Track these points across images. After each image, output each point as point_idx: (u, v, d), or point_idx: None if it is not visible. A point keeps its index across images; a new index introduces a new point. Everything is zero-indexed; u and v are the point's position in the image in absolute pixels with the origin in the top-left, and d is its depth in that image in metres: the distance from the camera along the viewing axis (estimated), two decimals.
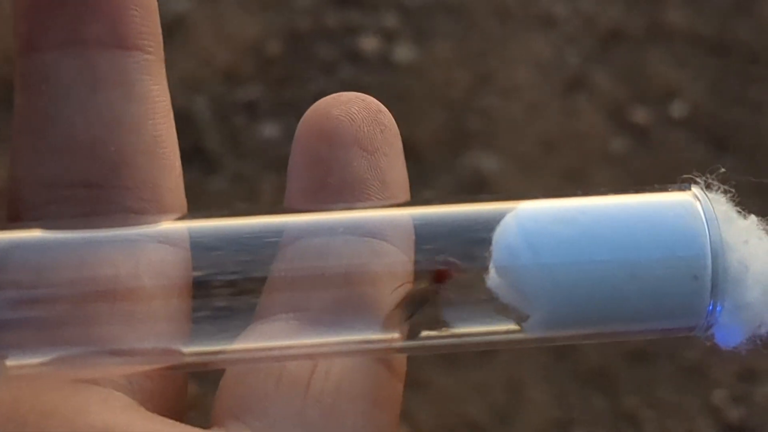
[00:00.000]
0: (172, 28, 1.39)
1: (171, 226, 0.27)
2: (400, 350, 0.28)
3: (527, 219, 0.27)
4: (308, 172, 0.28)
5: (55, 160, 0.28)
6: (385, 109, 0.29)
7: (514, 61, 1.39)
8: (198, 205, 0.30)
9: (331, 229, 0.27)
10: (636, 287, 0.27)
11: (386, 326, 0.27)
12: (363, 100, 0.29)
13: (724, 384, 1.15)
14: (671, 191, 0.28)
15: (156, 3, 0.29)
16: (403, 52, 1.39)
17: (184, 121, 1.31)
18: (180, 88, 1.33)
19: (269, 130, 1.30)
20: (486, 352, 1.15)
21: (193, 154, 1.23)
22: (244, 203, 1.19)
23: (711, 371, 1.16)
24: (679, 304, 0.27)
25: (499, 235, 0.27)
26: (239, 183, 1.23)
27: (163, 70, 0.29)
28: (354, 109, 0.29)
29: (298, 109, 1.28)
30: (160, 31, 0.29)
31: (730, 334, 0.28)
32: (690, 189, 0.28)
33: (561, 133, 1.33)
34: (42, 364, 0.26)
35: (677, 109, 1.36)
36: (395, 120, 0.29)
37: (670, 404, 1.15)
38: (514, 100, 1.36)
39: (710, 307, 0.27)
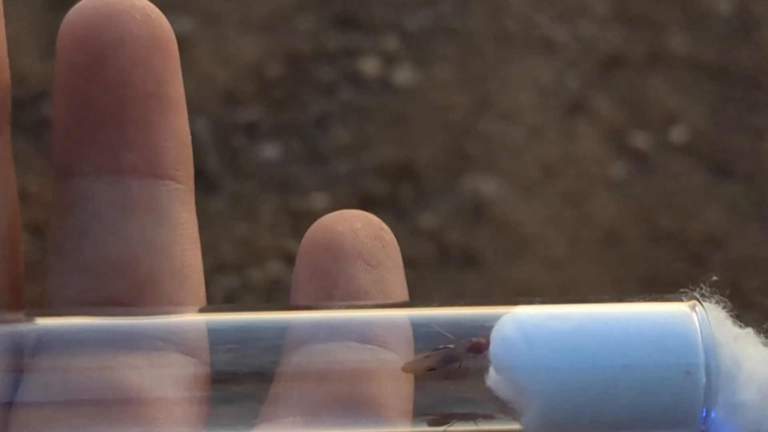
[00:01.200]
0: None
1: (191, 330, 0.29)
2: None
3: (526, 320, 0.28)
4: (313, 285, 0.30)
5: (84, 279, 0.29)
6: (386, 226, 0.31)
7: (514, 85, 1.40)
8: (199, 224, 0.30)
9: (333, 332, 0.28)
10: (631, 392, 0.27)
11: (405, 370, 0.28)
12: (366, 216, 0.30)
13: None
14: (669, 301, 0.29)
15: (189, 137, 0.30)
16: (404, 75, 1.39)
17: None
18: None
19: (269, 151, 1.30)
20: None
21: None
22: (244, 223, 1.19)
23: None
24: (674, 408, 0.28)
25: (498, 334, 0.28)
26: (239, 203, 1.23)
27: (193, 200, 0.30)
28: (358, 225, 0.30)
29: (298, 131, 1.29)
30: (191, 162, 0.30)
31: None
32: (685, 299, 0.29)
33: (561, 157, 1.33)
34: None
35: (677, 135, 1.36)
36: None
37: None
38: (514, 123, 1.36)
39: (704, 412, 0.28)
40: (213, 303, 0.30)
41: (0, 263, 0.28)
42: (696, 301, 0.29)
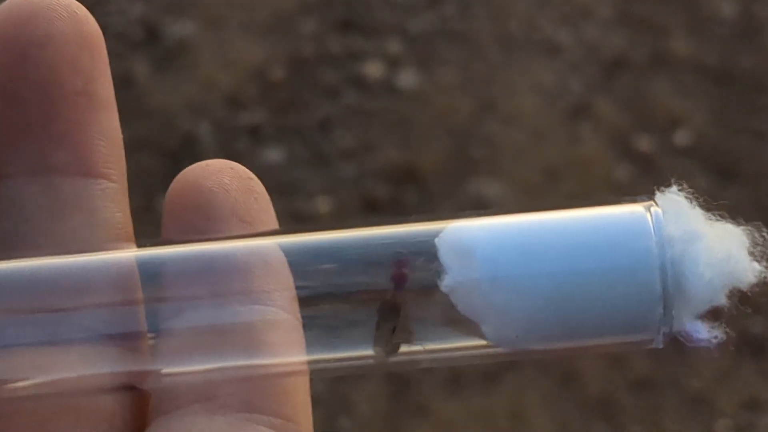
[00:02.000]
0: (176, 53, 1.39)
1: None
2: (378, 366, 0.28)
3: (474, 229, 0.27)
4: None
5: None
6: (254, 175, 0.29)
7: (518, 88, 1.39)
8: None
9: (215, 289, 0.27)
10: (587, 298, 0.27)
11: (377, 348, 0.27)
12: (232, 168, 0.29)
13: (729, 413, 1.15)
14: (629, 203, 0.28)
15: (120, 135, 0.29)
16: (407, 79, 1.39)
17: (187, 145, 1.31)
18: (184, 113, 1.33)
19: (273, 154, 1.30)
20: (490, 378, 1.15)
21: None
22: None
23: (715, 401, 1.15)
24: (631, 312, 0.27)
25: (446, 245, 0.27)
26: None
27: (127, 199, 0.29)
28: (226, 180, 0.28)
29: (301, 134, 1.29)
30: (124, 161, 0.29)
31: (692, 329, 0.27)
32: (647, 200, 0.28)
33: (564, 161, 1.33)
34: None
35: (681, 138, 1.36)
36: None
37: None
38: (518, 127, 1.36)
39: (661, 313, 0.27)
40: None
41: None
42: (652, 202, 0.28)
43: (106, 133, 0.29)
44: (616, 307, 0.27)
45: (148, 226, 0.31)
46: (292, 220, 1.22)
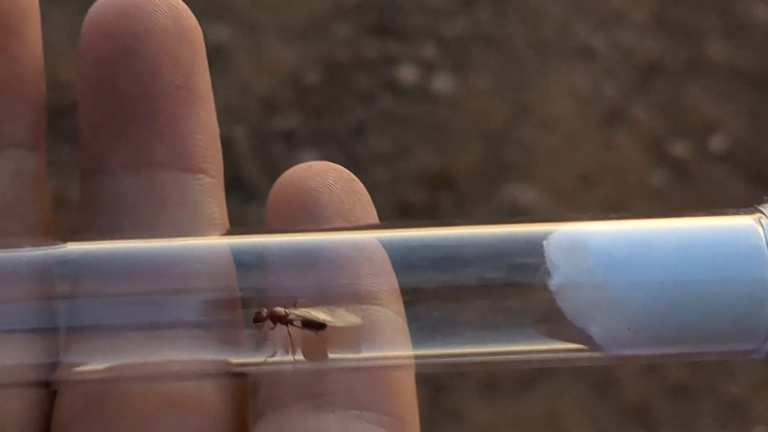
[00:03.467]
0: (212, 57, 1.38)
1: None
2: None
3: (587, 234, 0.27)
4: None
5: None
6: (355, 176, 0.29)
7: (553, 93, 1.39)
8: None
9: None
10: (696, 307, 0.27)
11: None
12: (335, 169, 0.29)
13: (765, 420, 1.14)
14: (735, 215, 0.28)
15: (218, 130, 0.29)
16: (442, 83, 1.39)
17: (223, 149, 1.31)
18: (219, 117, 1.33)
19: (307, 158, 1.30)
20: (526, 384, 1.14)
21: (231, 183, 1.23)
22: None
23: (752, 407, 1.15)
24: (740, 323, 0.27)
25: (559, 248, 0.27)
26: None
27: (223, 194, 0.29)
28: (330, 180, 0.28)
29: (336, 139, 1.30)
30: (221, 156, 0.29)
31: None
32: (756, 212, 0.28)
33: (599, 166, 1.33)
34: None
35: (717, 143, 1.35)
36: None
37: None
38: (553, 132, 1.36)
39: None
40: None
41: None
42: (761, 214, 0.28)
43: (205, 127, 0.29)
44: (724, 315, 0.27)
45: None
46: None
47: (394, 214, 1.27)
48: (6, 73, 0.28)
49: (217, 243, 0.28)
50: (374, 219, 0.29)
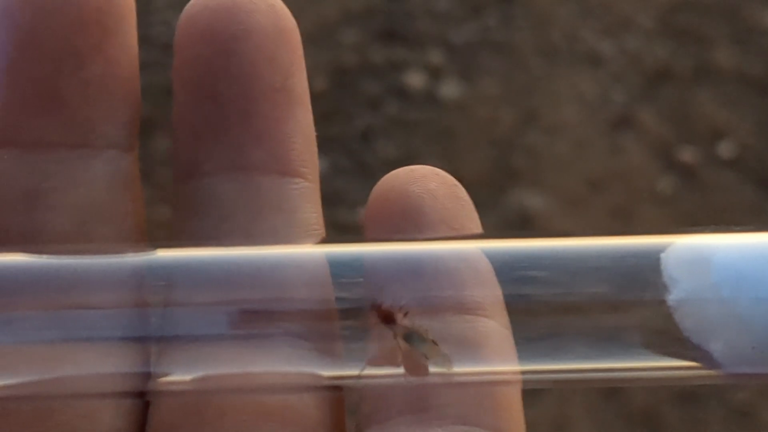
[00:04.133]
0: None
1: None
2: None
3: (714, 250, 0.27)
4: None
5: None
6: (458, 182, 0.28)
7: (560, 98, 1.39)
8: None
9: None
10: None
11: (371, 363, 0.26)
12: (438, 173, 0.28)
13: None
14: None
15: (314, 133, 0.29)
16: (449, 89, 1.39)
17: None
18: None
19: None
20: (533, 390, 1.14)
21: None
22: None
23: (760, 414, 1.14)
24: None
25: (676, 266, 0.26)
26: None
27: (319, 199, 0.28)
28: (433, 185, 0.28)
29: (343, 145, 1.29)
30: (317, 160, 0.29)
31: None
32: None
33: (607, 172, 1.32)
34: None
35: (725, 150, 1.35)
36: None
37: None
38: (560, 137, 1.36)
39: None
40: None
41: None
42: None
43: (302, 130, 0.28)
44: None
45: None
46: (333, 231, 1.22)
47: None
48: (102, 73, 0.27)
49: (314, 251, 0.27)
50: (478, 226, 0.28)
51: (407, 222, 0.27)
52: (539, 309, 0.26)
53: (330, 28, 1.43)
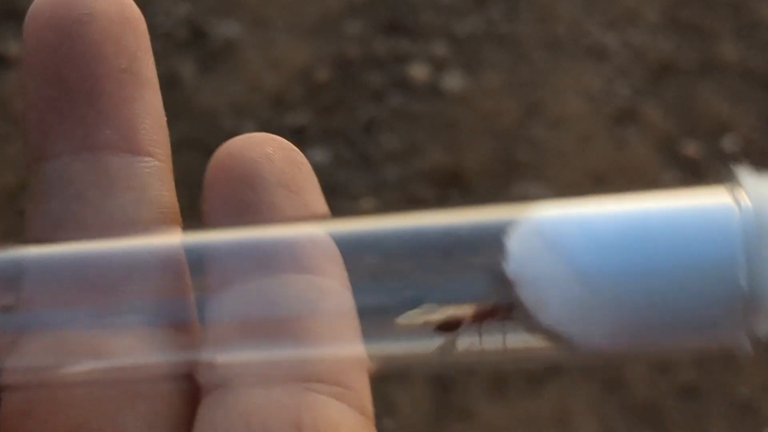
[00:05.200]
0: (222, 54, 1.39)
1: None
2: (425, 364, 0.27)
3: (547, 228, 0.26)
4: (233, 218, 0.28)
5: None
6: (294, 147, 0.28)
7: (564, 91, 1.39)
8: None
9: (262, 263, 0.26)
10: (667, 298, 0.25)
11: (437, 348, 0.26)
12: (274, 139, 0.28)
13: None
14: (713, 189, 0.26)
15: (164, 116, 0.29)
16: (453, 81, 1.38)
17: None
18: (229, 113, 1.33)
19: (318, 156, 1.30)
20: (535, 382, 1.14)
21: None
22: None
23: (763, 408, 1.14)
24: (714, 313, 0.25)
25: (518, 242, 0.26)
26: None
27: (172, 179, 0.29)
28: (270, 150, 0.28)
29: (346, 136, 1.29)
30: (168, 141, 0.29)
31: None
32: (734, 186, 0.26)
33: (611, 165, 1.32)
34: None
35: (729, 143, 1.35)
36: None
37: None
38: (564, 131, 1.35)
39: (747, 307, 0.25)
40: None
41: None
42: (741, 189, 0.26)
43: (151, 111, 0.28)
44: (699, 305, 0.25)
45: (193, 225, 0.30)
46: None
47: (403, 211, 1.26)
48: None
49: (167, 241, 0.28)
50: (317, 190, 0.28)
51: (246, 186, 0.28)
52: (378, 287, 0.26)
53: (334, 19, 1.43)
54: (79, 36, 0.28)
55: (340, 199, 1.26)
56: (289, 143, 0.28)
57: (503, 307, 0.26)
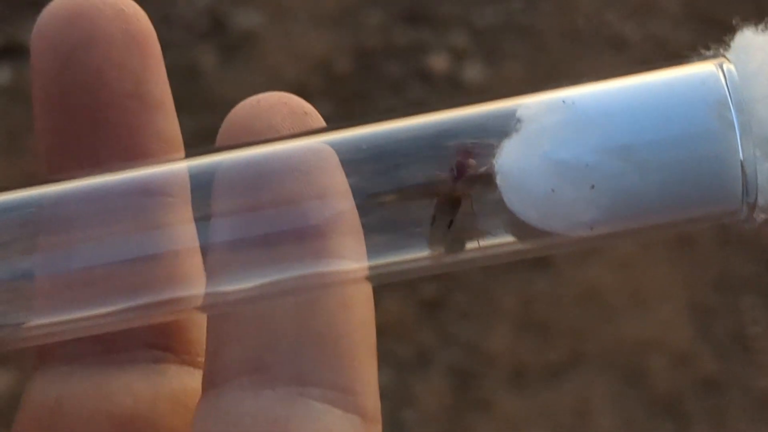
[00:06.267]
0: (243, 44, 1.39)
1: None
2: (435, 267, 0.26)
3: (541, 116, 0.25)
4: (239, 191, 0.26)
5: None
6: (311, 108, 0.27)
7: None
8: None
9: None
10: (660, 172, 0.25)
11: (432, 245, 0.25)
12: (286, 104, 0.27)
13: None
14: (693, 63, 0.26)
15: (180, 137, 0.28)
16: (473, 72, 1.38)
17: None
18: None
19: None
20: (555, 374, 1.14)
21: None
22: None
23: None
24: (710, 182, 0.25)
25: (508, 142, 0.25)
26: None
27: (190, 214, 0.27)
28: (279, 118, 0.26)
29: None
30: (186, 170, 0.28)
31: None
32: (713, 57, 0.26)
33: None
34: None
35: None
36: None
37: None
38: None
39: (744, 175, 0.25)
40: None
41: None
42: (723, 58, 0.26)
43: (163, 135, 0.28)
44: (689, 177, 0.24)
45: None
46: None
47: None
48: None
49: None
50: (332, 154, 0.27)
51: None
52: (384, 196, 0.26)
53: (353, 9, 1.43)
54: (80, 62, 0.27)
55: None
56: (305, 105, 0.27)
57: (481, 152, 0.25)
